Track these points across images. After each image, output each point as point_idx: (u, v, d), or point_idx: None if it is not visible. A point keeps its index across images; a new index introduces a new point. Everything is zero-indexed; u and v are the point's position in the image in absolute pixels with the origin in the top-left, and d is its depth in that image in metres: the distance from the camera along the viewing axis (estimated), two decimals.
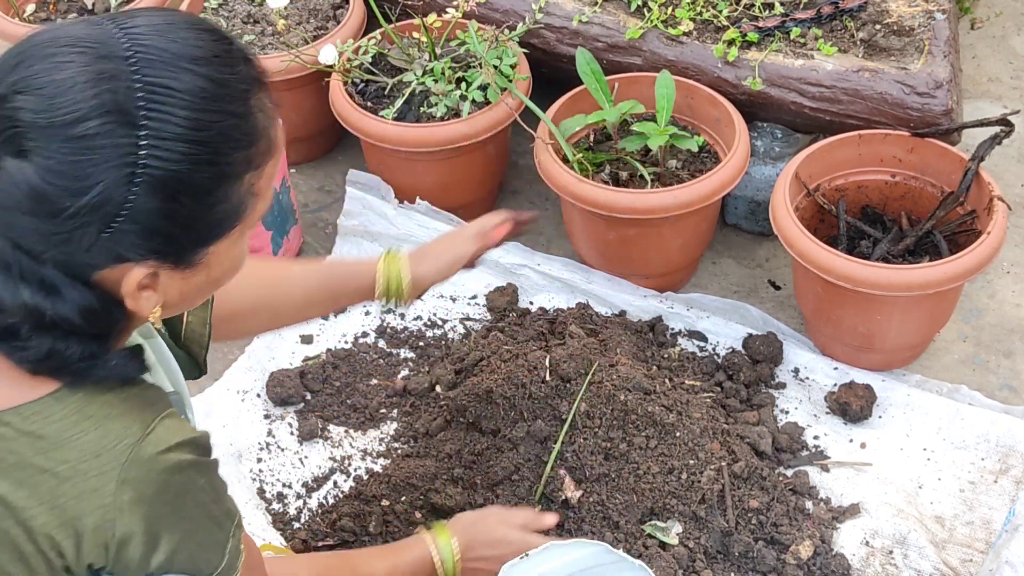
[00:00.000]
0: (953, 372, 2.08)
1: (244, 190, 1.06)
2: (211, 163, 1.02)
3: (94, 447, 1.04)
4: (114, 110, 0.97)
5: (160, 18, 1.04)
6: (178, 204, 1.01)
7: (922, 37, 2.17)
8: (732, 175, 2.07)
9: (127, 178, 0.98)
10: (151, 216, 1.00)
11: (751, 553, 1.74)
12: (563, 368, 1.88)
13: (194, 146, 1.00)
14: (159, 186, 0.99)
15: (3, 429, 1.03)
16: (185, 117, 0.99)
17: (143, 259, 1.02)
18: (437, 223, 2.29)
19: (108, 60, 0.99)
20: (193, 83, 1.00)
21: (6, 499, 1.02)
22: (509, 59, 2.26)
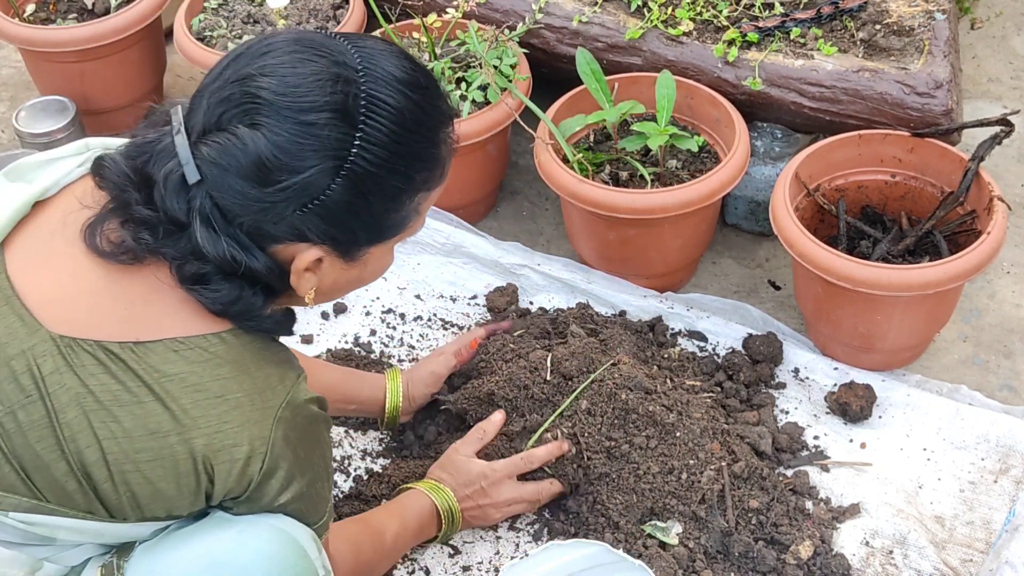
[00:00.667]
0: (953, 372, 2.08)
1: (413, 205, 1.21)
2: (401, 174, 1.17)
3: (262, 383, 1.17)
4: (341, 109, 1.12)
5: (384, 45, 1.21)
6: (366, 201, 1.16)
7: (922, 37, 2.17)
8: (732, 175, 2.07)
9: (334, 168, 1.12)
10: (341, 206, 1.14)
11: (751, 553, 1.74)
12: (565, 366, 1.88)
13: (394, 156, 1.15)
14: (357, 181, 1.13)
15: (190, 352, 1.15)
16: (394, 130, 1.15)
17: (320, 242, 1.16)
18: (437, 223, 2.30)
19: (343, 67, 1.14)
20: (405, 104, 1.16)
21: (180, 416, 1.12)
22: (509, 59, 2.26)
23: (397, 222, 1.22)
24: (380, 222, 1.20)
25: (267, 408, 1.16)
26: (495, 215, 2.46)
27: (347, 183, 1.13)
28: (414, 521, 1.67)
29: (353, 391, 1.85)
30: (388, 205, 1.18)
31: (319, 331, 2.18)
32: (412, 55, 1.23)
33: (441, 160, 1.23)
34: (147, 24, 2.56)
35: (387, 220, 1.20)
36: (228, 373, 1.15)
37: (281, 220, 1.13)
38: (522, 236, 2.39)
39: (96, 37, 2.50)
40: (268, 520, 1.21)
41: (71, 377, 1.12)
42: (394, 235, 1.23)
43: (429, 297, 2.24)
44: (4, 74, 2.97)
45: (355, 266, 1.23)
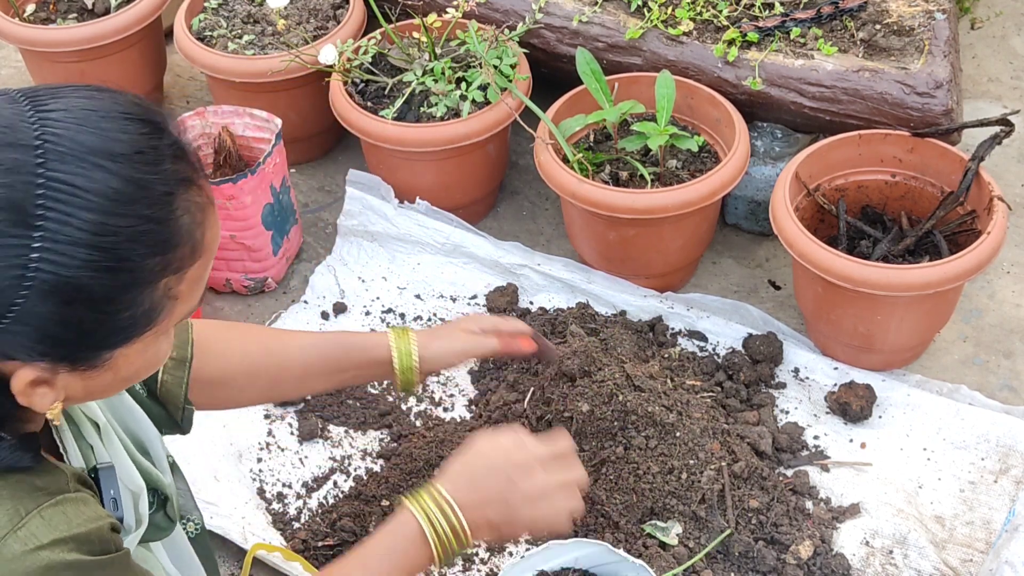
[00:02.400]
0: (953, 372, 2.08)
1: (159, 295, 0.97)
2: (115, 270, 0.93)
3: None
4: (8, 207, 0.89)
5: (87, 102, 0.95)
6: (73, 311, 0.93)
7: (922, 37, 2.17)
8: (732, 175, 2.07)
9: (16, 280, 0.90)
10: (42, 320, 0.92)
11: (751, 553, 1.74)
12: (566, 365, 1.89)
13: (96, 252, 0.91)
14: (51, 291, 0.91)
15: None
16: (88, 220, 0.91)
17: (32, 360, 0.95)
18: (437, 223, 2.30)
19: (13, 149, 0.91)
20: (105, 183, 0.92)
21: None
22: (509, 59, 2.26)
23: (138, 319, 0.97)
24: (107, 326, 0.96)
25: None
26: (495, 215, 2.46)
27: (39, 294, 0.90)
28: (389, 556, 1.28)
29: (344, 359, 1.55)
30: (109, 307, 0.94)
31: (319, 331, 2.18)
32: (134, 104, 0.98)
33: (183, 235, 0.97)
34: (147, 24, 2.56)
35: (117, 322, 0.96)
36: None
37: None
38: (522, 236, 2.39)
39: (96, 37, 2.50)
40: None
41: None
42: (142, 332, 0.98)
43: (429, 297, 2.24)
44: (4, 74, 2.97)
45: (102, 371, 0.99)
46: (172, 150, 0.97)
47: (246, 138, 2.29)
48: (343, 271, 2.29)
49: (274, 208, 2.20)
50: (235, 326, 1.55)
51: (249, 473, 1.94)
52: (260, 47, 2.48)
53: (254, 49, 2.47)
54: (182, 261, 0.98)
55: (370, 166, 2.38)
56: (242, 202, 2.11)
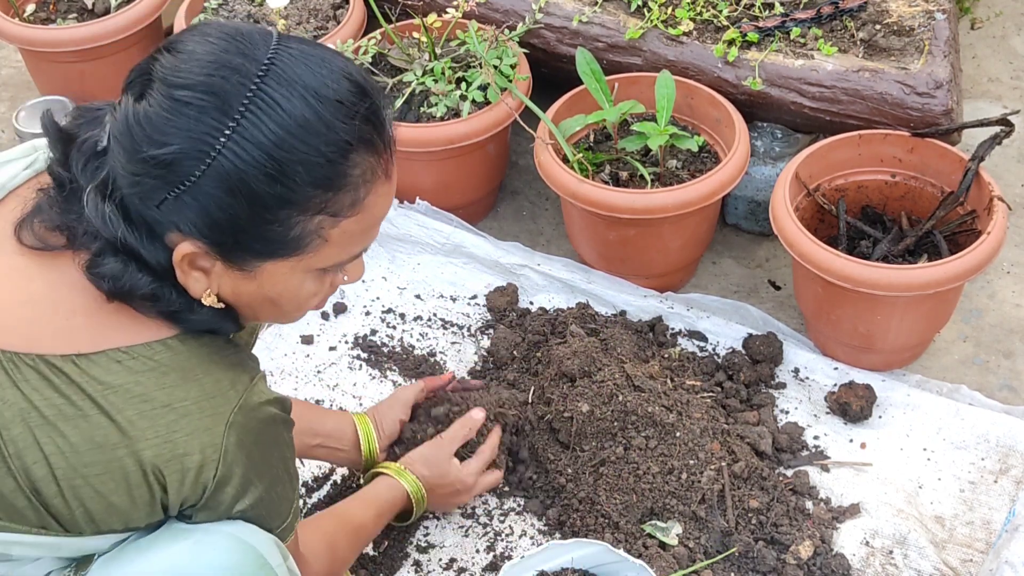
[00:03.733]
0: (953, 372, 2.08)
1: (311, 228, 1.11)
2: (277, 182, 1.07)
3: (211, 389, 1.13)
4: (219, 95, 1.05)
5: (322, 52, 1.12)
6: (234, 202, 1.07)
7: (922, 37, 2.17)
8: (732, 175, 2.07)
9: (200, 155, 1.05)
10: (209, 200, 1.06)
11: (751, 553, 1.74)
12: (566, 365, 1.89)
13: (269, 159, 1.06)
14: (223, 177, 1.05)
15: (133, 363, 1.11)
16: (275, 132, 1.06)
17: (192, 236, 1.09)
18: (437, 223, 2.30)
19: (244, 57, 1.07)
20: (300, 110, 1.07)
21: (126, 428, 1.09)
22: (509, 59, 2.26)
23: (287, 240, 1.11)
24: (257, 232, 1.10)
25: (217, 414, 1.12)
26: (495, 215, 2.46)
27: (215, 175, 1.05)
28: (387, 510, 1.70)
29: (316, 422, 1.77)
30: (264, 215, 1.09)
31: (319, 331, 2.18)
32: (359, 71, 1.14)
33: (347, 184, 1.11)
34: (147, 24, 2.56)
35: (268, 233, 1.10)
36: (174, 381, 1.12)
37: (157, 202, 1.07)
38: (522, 236, 2.39)
39: (96, 37, 2.50)
40: (225, 528, 1.17)
41: (14, 392, 1.09)
42: (287, 254, 1.13)
43: (429, 297, 2.24)
44: (4, 74, 2.97)
45: (248, 278, 1.15)
46: (368, 113, 1.11)
47: None
48: None
49: None
50: None
51: None
52: None
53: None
54: (339, 207, 1.11)
55: None
56: None
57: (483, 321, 2.18)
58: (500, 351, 2.07)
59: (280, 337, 2.17)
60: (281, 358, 2.13)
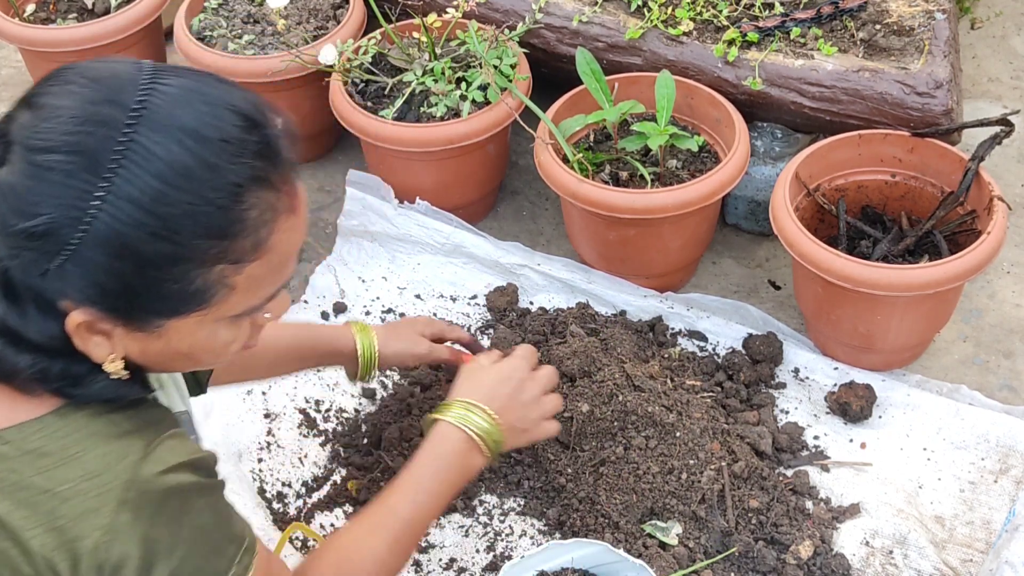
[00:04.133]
0: (953, 372, 2.08)
1: (213, 279, 1.03)
2: (164, 239, 0.99)
3: (96, 466, 1.03)
4: (86, 153, 0.96)
5: (200, 86, 1.03)
6: (122, 265, 0.99)
7: (922, 37, 2.17)
8: (732, 175, 2.07)
9: (73, 221, 0.96)
10: (93, 266, 0.98)
11: (751, 553, 1.74)
12: (566, 365, 1.89)
13: (150, 216, 0.97)
14: (104, 241, 0.97)
15: (4, 448, 1.02)
16: (152, 186, 0.97)
17: (82, 304, 1.01)
18: (437, 223, 2.30)
19: (112, 106, 0.98)
20: (179, 157, 0.98)
21: (5, 520, 1.01)
22: (509, 59, 2.26)
23: (188, 295, 1.03)
24: (157, 292, 1.01)
25: (104, 493, 1.01)
26: (495, 215, 2.46)
27: (93, 241, 0.97)
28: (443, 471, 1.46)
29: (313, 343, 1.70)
30: (155, 274, 1.00)
31: None
32: (249, 101, 1.04)
33: (245, 229, 1.02)
34: (147, 24, 2.56)
35: (166, 291, 1.02)
36: (53, 463, 1.02)
37: (39, 272, 0.99)
38: (522, 236, 2.39)
39: (96, 37, 2.50)
40: None
41: None
42: (192, 309, 1.04)
43: (429, 297, 2.24)
44: (4, 74, 2.97)
45: (155, 338, 1.06)
46: (260, 147, 1.02)
47: None
48: (343, 271, 2.29)
49: None
50: None
51: (249, 473, 1.94)
52: (260, 47, 2.48)
53: (254, 49, 2.47)
54: (240, 253, 1.03)
55: (370, 166, 2.38)
56: None
57: (483, 321, 2.18)
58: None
59: None
60: None
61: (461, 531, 1.84)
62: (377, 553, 1.37)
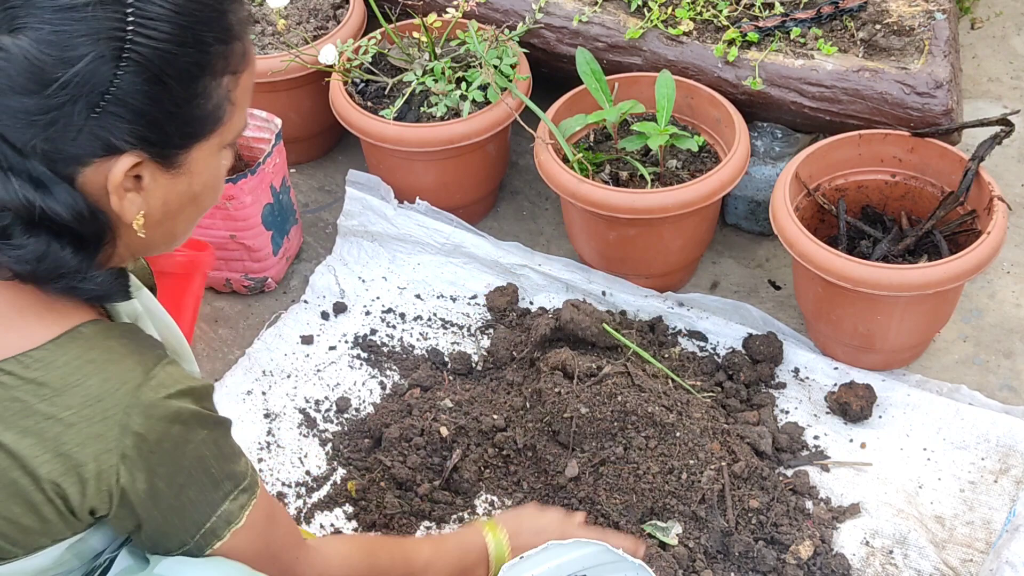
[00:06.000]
0: (953, 372, 2.07)
1: (223, 92, 1.08)
2: (193, 47, 1.03)
3: (96, 391, 1.03)
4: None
5: None
6: (163, 86, 1.02)
7: (922, 37, 2.17)
8: (732, 175, 2.07)
9: (114, 53, 0.99)
10: (137, 97, 1.01)
11: (751, 553, 1.74)
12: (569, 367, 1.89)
13: (177, 28, 1.02)
14: (145, 64, 1.00)
15: (5, 378, 1.03)
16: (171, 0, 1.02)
17: (131, 147, 1.03)
18: (437, 223, 2.30)
19: None
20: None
21: (12, 448, 1.02)
22: (509, 59, 2.26)
23: (210, 113, 1.08)
24: (189, 112, 1.06)
25: (107, 419, 1.03)
26: (495, 215, 2.46)
27: (134, 67, 1.00)
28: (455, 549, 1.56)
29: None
30: (192, 87, 1.05)
31: (319, 331, 2.18)
32: None
33: (236, 33, 1.09)
34: None
35: (197, 109, 1.06)
36: (52, 392, 1.02)
37: (78, 132, 1.00)
38: (522, 236, 2.39)
39: None
40: None
41: None
42: (212, 130, 1.09)
43: (429, 297, 2.24)
44: None
45: (180, 176, 1.09)
46: None
47: (246, 138, 2.29)
48: (343, 271, 2.29)
49: (274, 208, 2.20)
50: None
51: None
52: (260, 47, 2.48)
53: (254, 49, 2.46)
54: (238, 61, 1.09)
55: (370, 166, 2.38)
56: (242, 202, 2.11)
57: (483, 321, 2.18)
58: (500, 351, 2.07)
59: (280, 337, 2.17)
60: (281, 358, 2.13)
61: None
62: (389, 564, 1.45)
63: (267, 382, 2.09)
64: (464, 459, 1.89)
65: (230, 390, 2.07)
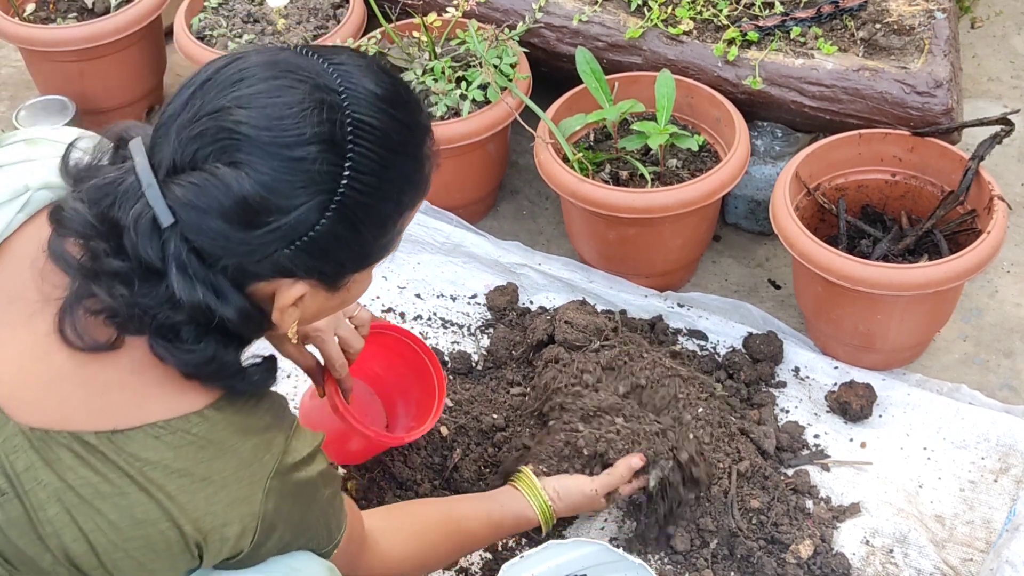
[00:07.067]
0: (953, 372, 2.07)
1: (400, 227, 1.14)
2: (392, 199, 1.09)
3: (248, 457, 1.11)
4: (329, 139, 1.03)
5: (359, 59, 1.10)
6: (357, 232, 1.07)
7: (922, 36, 2.17)
8: (732, 174, 2.07)
9: (324, 203, 1.04)
10: (331, 240, 1.06)
11: (751, 554, 1.73)
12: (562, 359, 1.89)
13: (384, 182, 1.07)
14: (348, 213, 1.05)
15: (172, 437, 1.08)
16: (381, 155, 1.06)
17: (306, 277, 1.08)
18: (437, 222, 2.29)
19: (324, 91, 1.04)
20: (389, 124, 1.07)
21: (167, 505, 1.07)
22: (509, 58, 2.26)
23: (384, 246, 1.14)
24: (368, 250, 1.12)
25: (254, 483, 1.11)
26: (495, 215, 2.46)
27: (338, 216, 1.05)
28: (508, 523, 1.66)
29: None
30: (377, 232, 1.11)
31: None
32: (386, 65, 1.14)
33: (426, 176, 1.15)
34: (147, 24, 2.56)
35: (375, 246, 1.13)
36: (212, 454, 1.09)
37: (265, 259, 1.05)
38: (522, 235, 2.39)
39: (96, 36, 2.50)
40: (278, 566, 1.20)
41: (47, 473, 1.05)
42: (380, 258, 1.15)
43: (429, 296, 2.24)
44: (4, 74, 2.96)
45: (338, 294, 1.15)
46: (420, 104, 1.14)
47: None
48: None
49: None
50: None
51: None
52: None
53: None
54: (419, 199, 1.15)
55: None
56: None
57: (483, 320, 2.18)
58: (499, 350, 2.07)
59: None
60: (282, 358, 2.13)
61: None
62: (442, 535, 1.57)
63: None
64: (464, 458, 1.89)
65: None
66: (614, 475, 1.70)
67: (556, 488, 1.69)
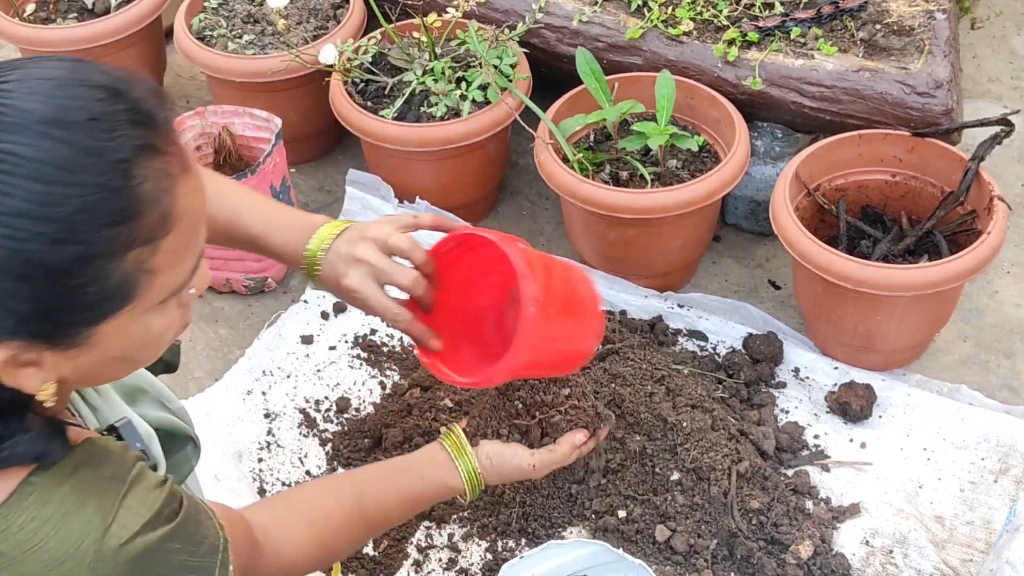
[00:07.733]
0: (953, 372, 2.07)
1: (131, 268, 0.92)
2: (67, 242, 0.88)
3: (56, 555, 0.94)
4: None
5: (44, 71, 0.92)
6: (31, 285, 0.88)
7: (922, 37, 2.17)
8: (732, 175, 2.07)
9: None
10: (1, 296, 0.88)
11: (751, 554, 1.73)
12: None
13: (44, 223, 0.87)
14: (4, 266, 0.87)
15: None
16: (34, 190, 0.87)
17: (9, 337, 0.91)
18: None
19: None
20: (50, 151, 0.88)
21: None
22: (509, 59, 2.26)
23: (109, 294, 0.92)
24: (73, 302, 0.91)
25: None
26: (495, 215, 2.46)
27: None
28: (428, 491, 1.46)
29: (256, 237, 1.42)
30: (70, 282, 0.90)
31: (319, 331, 2.18)
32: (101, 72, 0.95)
33: (146, 204, 0.91)
34: (147, 24, 2.56)
35: (85, 297, 0.91)
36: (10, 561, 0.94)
37: None
38: (522, 236, 2.37)
39: (96, 37, 2.50)
40: None
41: None
42: (118, 307, 0.94)
43: None
44: None
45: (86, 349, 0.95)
46: (130, 115, 0.92)
47: (246, 138, 2.29)
48: None
49: None
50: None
51: (249, 473, 1.94)
52: (260, 47, 2.48)
53: (254, 49, 2.47)
54: (151, 232, 0.93)
55: (370, 166, 2.38)
56: None
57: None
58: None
59: (280, 337, 2.17)
60: (281, 358, 2.13)
61: (462, 530, 1.83)
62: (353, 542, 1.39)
63: (267, 382, 2.09)
64: None
65: (230, 390, 2.07)
66: (557, 452, 1.52)
67: (490, 455, 1.49)
